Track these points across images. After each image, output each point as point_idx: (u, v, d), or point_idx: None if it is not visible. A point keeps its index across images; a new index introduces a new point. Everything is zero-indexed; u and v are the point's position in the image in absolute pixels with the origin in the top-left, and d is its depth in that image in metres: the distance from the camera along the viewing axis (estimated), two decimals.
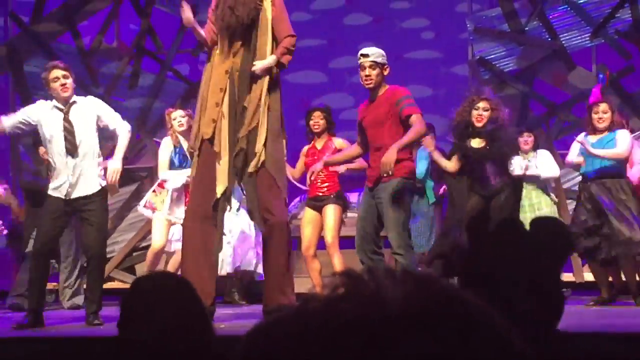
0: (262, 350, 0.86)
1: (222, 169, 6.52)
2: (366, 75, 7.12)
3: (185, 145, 8.78)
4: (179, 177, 8.74)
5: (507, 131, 8.37)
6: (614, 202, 8.42)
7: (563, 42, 11.90)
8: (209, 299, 6.56)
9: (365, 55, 7.18)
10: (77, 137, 7.30)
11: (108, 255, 11.32)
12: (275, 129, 6.56)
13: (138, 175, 12.23)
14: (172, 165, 8.90)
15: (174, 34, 12.58)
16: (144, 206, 8.95)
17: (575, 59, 11.87)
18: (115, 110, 12.34)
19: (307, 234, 8.47)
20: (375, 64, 7.13)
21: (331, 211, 8.46)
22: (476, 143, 8.30)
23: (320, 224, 8.51)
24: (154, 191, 8.94)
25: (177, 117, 8.98)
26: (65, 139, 7.29)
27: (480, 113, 8.27)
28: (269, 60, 6.51)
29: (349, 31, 12.79)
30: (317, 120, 8.64)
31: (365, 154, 7.51)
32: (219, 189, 6.54)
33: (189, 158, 8.55)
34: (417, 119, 6.96)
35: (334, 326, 0.84)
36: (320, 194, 8.47)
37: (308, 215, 8.55)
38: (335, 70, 12.69)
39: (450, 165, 8.42)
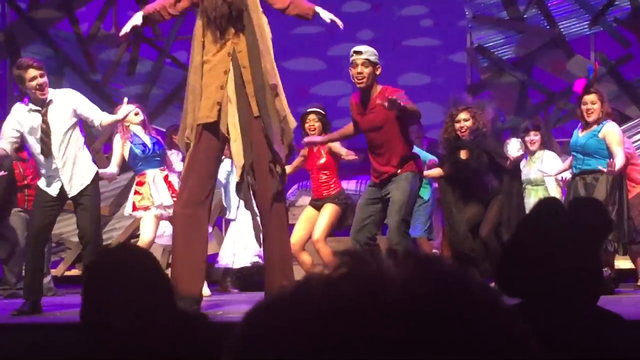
0: (262, 329, 0.86)
1: (237, 151, 6.46)
2: (358, 73, 7.10)
3: (142, 135, 8.67)
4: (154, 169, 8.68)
5: (487, 140, 8.39)
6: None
7: (562, 29, 11.89)
8: (199, 287, 6.57)
9: (358, 53, 7.16)
10: (54, 137, 7.22)
11: (105, 243, 11.34)
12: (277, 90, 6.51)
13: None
14: (135, 157, 8.64)
15: (172, 21, 12.54)
16: (134, 210, 8.81)
17: (573, 47, 11.85)
18: (114, 98, 12.43)
19: (298, 230, 8.46)
20: (368, 62, 7.10)
21: (328, 208, 8.44)
22: (464, 154, 8.34)
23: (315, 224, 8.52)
24: (135, 192, 8.71)
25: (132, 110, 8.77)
26: (42, 140, 7.21)
27: (462, 125, 8.30)
28: (322, 11, 6.58)
29: (348, 18, 12.68)
30: (313, 124, 8.52)
31: (357, 136, 7.54)
32: (238, 171, 6.52)
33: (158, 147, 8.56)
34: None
35: (335, 306, 0.84)
36: (324, 194, 8.47)
37: (307, 212, 8.56)
38: (333, 58, 12.66)
39: (437, 172, 8.49)
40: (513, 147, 8.62)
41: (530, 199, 9.08)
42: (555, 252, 2.24)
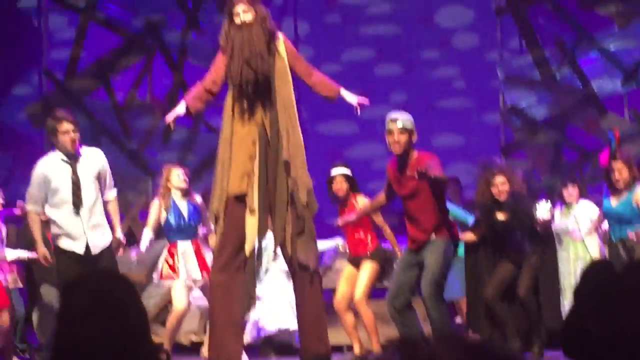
0: None
1: (252, 226, 6.43)
2: (395, 141, 7.10)
3: (181, 203, 8.59)
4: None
5: (525, 200, 8.43)
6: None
7: (594, 88, 11.89)
8: (238, 353, 6.52)
9: (394, 120, 7.14)
10: (83, 190, 7.21)
11: None
12: (304, 165, 6.50)
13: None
14: (170, 227, 8.58)
15: None
16: (160, 279, 8.79)
17: (607, 105, 11.85)
18: (149, 166, 12.52)
19: (342, 289, 8.45)
20: (404, 130, 7.10)
21: (367, 267, 8.41)
22: (501, 216, 8.33)
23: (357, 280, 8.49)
24: (165, 261, 8.63)
25: (180, 173, 8.75)
26: (73, 192, 7.18)
27: (500, 189, 8.29)
28: (347, 94, 6.56)
29: (380, 81, 12.83)
30: (340, 186, 8.46)
31: (389, 203, 7.54)
32: (249, 247, 6.46)
33: (196, 217, 8.50)
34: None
35: None
36: (362, 252, 8.44)
37: (347, 271, 8.53)
38: (366, 121, 12.70)
39: (470, 237, 8.48)
40: (542, 210, 8.61)
41: (570, 252, 9.05)
42: (616, 318, 2.22)
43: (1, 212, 9.68)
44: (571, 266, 9.03)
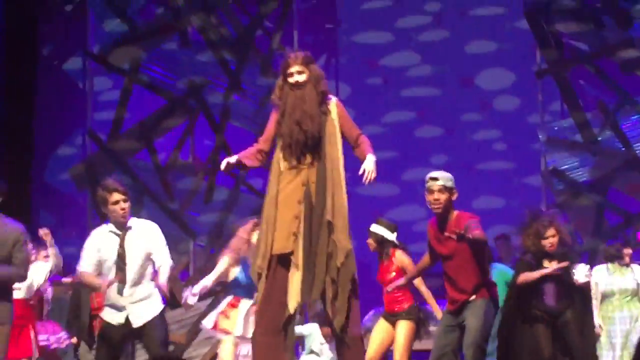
0: None
1: (295, 284, 6.40)
2: (435, 199, 7.08)
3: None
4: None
5: (573, 251, 8.43)
6: None
7: (637, 151, 11.84)
8: None
9: (434, 179, 7.13)
10: (128, 264, 7.10)
11: None
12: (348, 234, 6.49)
13: (213, 289, 12.26)
14: (238, 283, 8.52)
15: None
16: (213, 328, 8.70)
17: None
18: (190, 225, 12.58)
19: (374, 342, 8.41)
20: (444, 188, 7.09)
21: (403, 327, 8.36)
22: (547, 264, 8.27)
23: (391, 336, 8.43)
24: (222, 312, 8.55)
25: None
26: (117, 265, 7.10)
27: (551, 242, 8.22)
28: (372, 161, 6.43)
29: (421, 143, 12.86)
30: (369, 241, 8.54)
31: (434, 264, 7.51)
32: (292, 305, 6.42)
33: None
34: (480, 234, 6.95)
35: None
36: (397, 309, 8.40)
37: (381, 324, 8.49)
38: (407, 183, 12.73)
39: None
40: (580, 273, 8.55)
41: (624, 311, 8.99)
42: None
43: (52, 278, 9.80)
44: (628, 326, 8.99)
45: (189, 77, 12.94)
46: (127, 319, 7.11)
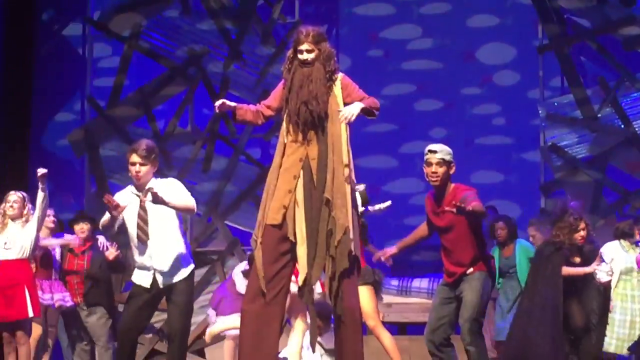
0: None
1: (301, 255, 6.41)
2: (432, 172, 7.09)
3: None
4: None
5: (596, 247, 8.71)
6: None
7: (636, 129, 11.84)
8: None
9: (433, 152, 7.14)
10: (150, 225, 7.11)
11: None
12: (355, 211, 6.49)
13: (209, 258, 12.31)
14: None
15: None
16: None
17: None
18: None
19: None
20: (442, 161, 7.09)
21: (362, 293, 8.28)
22: (577, 260, 8.48)
23: None
24: None
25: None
26: (138, 226, 7.11)
27: (582, 234, 8.48)
28: (357, 105, 6.35)
29: (420, 117, 12.84)
30: None
31: (430, 236, 7.51)
32: (301, 277, 6.44)
33: None
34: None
35: None
36: None
37: None
38: (406, 155, 12.72)
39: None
40: (602, 272, 8.71)
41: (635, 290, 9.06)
42: None
43: (55, 235, 9.83)
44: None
45: (189, 45, 12.91)
46: (154, 280, 7.14)
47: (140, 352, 11.47)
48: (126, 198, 7.20)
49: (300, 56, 6.37)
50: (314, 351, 6.98)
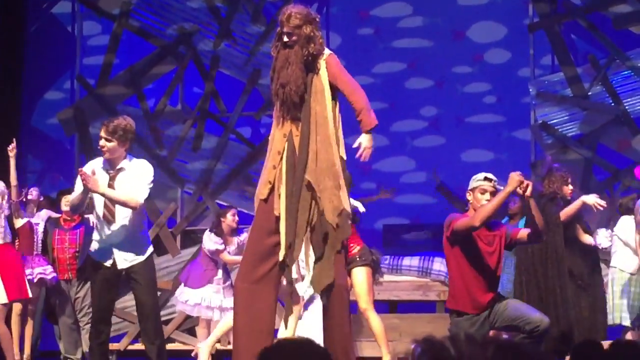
0: None
1: (282, 234, 6.45)
2: (487, 200, 6.81)
3: None
4: None
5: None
6: None
7: (627, 107, 11.84)
8: None
9: (490, 180, 6.92)
10: (117, 206, 7.11)
11: (169, 317, 11.38)
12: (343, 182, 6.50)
13: (200, 237, 12.28)
14: None
15: (237, 97, 12.72)
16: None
17: (638, 124, 11.79)
18: (179, 173, 12.56)
19: None
20: (496, 190, 6.90)
21: (360, 274, 8.26)
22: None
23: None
24: None
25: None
26: (105, 205, 7.11)
27: (571, 189, 8.83)
28: (364, 138, 6.42)
29: (411, 95, 12.82)
30: None
31: None
32: (281, 253, 6.46)
33: None
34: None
35: None
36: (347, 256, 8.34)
37: None
38: (396, 134, 12.71)
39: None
40: (602, 237, 8.93)
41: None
42: None
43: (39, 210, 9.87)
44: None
45: (179, 23, 12.87)
46: (114, 261, 7.17)
47: (131, 331, 11.49)
48: (96, 169, 7.20)
49: (283, 38, 6.44)
50: (286, 328, 7.01)
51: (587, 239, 8.91)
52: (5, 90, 12.65)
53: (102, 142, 7.22)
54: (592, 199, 8.78)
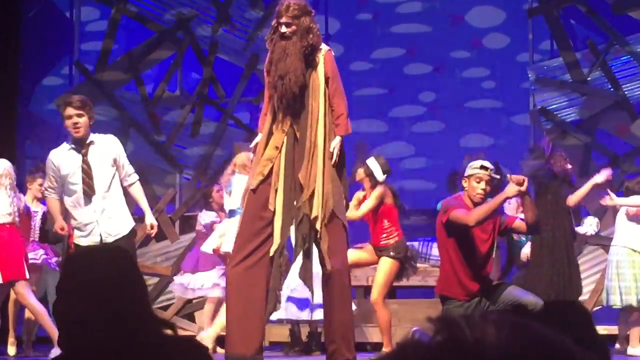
0: None
1: (276, 228, 6.45)
2: (482, 189, 6.76)
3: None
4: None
5: None
6: None
7: (626, 92, 11.83)
8: (255, 347, 6.43)
9: (486, 168, 6.82)
10: (95, 178, 7.08)
11: (168, 302, 11.39)
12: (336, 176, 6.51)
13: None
14: None
15: (236, 82, 12.69)
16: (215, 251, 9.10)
17: (638, 110, 11.77)
18: (177, 158, 12.55)
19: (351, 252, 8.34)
20: (490, 180, 6.86)
21: (385, 264, 8.23)
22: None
23: (368, 261, 8.39)
24: (224, 235, 8.93)
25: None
26: (83, 181, 7.08)
27: (571, 167, 9.29)
28: (337, 142, 6.43)
29: (410, 80, 12.80)
30: (359, 173, 8.53)
31: None
32: (273, 248, 6.47)
33: None
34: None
35: None
36: (382, 243, 8.34)
37: (369, 249, 8.36)
38: (395, 119, 12.69)
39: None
40: (589, 225, 9.11)
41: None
42: None
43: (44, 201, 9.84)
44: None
45: (177, 8, 12.84)
46: (101, 237, 7.12)
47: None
48: (63, 156, 7.19)
49: (280, 29, 6.42)
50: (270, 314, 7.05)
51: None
52: (3, 76, 12.62)
53: (74, 120, 7.11)
54: (602, 176, 9.08)
